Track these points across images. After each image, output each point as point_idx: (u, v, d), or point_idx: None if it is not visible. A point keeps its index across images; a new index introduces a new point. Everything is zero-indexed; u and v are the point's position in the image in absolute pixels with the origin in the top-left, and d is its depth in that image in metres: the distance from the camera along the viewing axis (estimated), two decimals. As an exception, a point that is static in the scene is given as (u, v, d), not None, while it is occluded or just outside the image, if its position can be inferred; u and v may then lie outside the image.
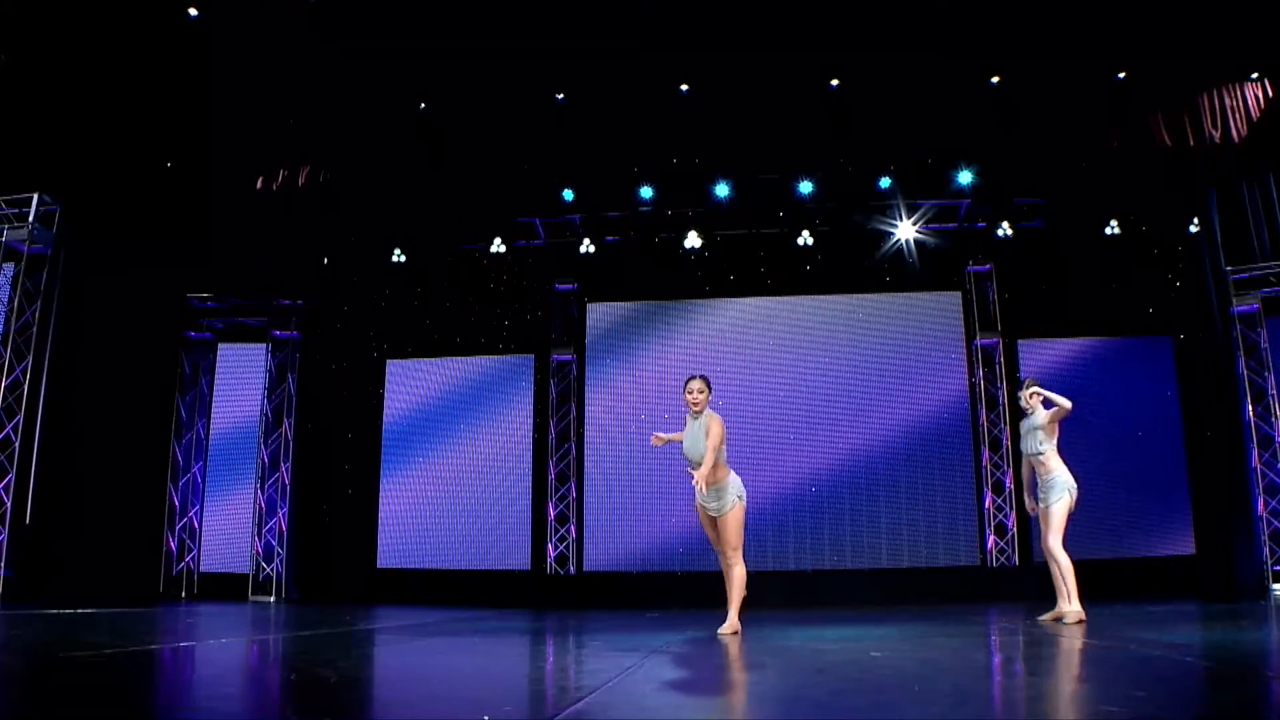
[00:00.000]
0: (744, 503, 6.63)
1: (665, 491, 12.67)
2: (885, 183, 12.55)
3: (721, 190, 12.73)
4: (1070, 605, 6.97)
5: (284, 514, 12.80)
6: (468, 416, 13.40)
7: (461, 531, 13.05)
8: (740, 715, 3.07)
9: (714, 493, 6.54)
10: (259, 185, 13.12)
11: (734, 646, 5.55)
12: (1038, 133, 11.76)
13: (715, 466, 6.42)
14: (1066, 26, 10.65)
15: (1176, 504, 12.16)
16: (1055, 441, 7.37)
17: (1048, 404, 7.48)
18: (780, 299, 13.18)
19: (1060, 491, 7.21)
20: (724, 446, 6.52)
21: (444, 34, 10.96)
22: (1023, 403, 7.63)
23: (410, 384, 13.60)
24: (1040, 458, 7.32)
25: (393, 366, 13.68)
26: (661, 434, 6.95)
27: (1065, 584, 7.05)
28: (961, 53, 11.16)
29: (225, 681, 4.14)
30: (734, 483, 6.60)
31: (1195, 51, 11.02)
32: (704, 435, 6.44)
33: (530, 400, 13.38)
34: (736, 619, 6.56)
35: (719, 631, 6.44)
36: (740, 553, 6.68)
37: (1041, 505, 7.34)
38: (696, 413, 6.57)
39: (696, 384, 6.63)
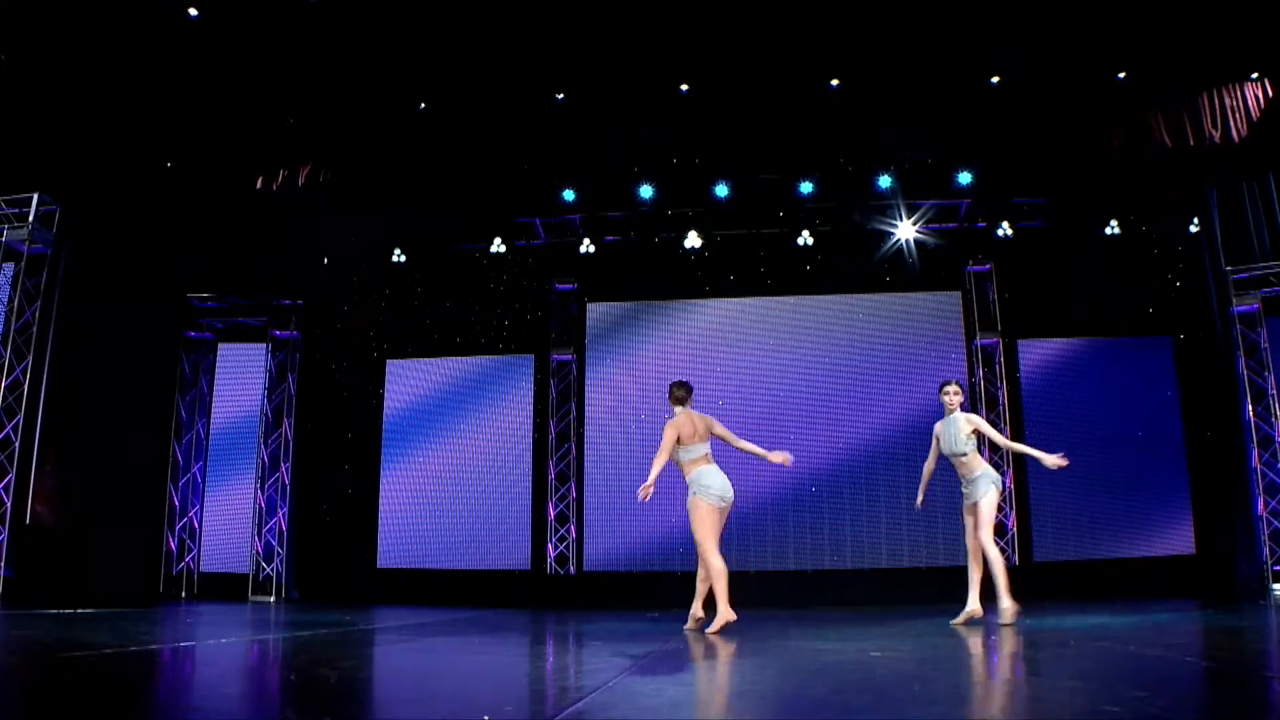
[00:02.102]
0: (703, 500, 6.78)
1: (665, 491, 12.55)
2: (885, 182, 12.54)
3: (721, 190, 12.72)
4: (1006, 600, 6.93)
5: (284, 514, 12.81)
6: (468, 416, 13.40)
7: (461, 531, 13.05)
8: (740, 715, 3.07)
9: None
10: (259, 185, 13.13)
11: (734, 646, 5.55)
12: (1038, 132, 11.75)
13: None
14: (1067, 26, 10.64)
15: (1177, 504, 12.15)
16: (976, 441, 7.32)
17: (964, 407, 7.52)
18: (780, 299, 13.18)
19: (986, 485, 7.23)
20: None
21: (444, 33, 10.96)
22: (947, 400, 7.56)
23: (410, 384, 13.60)
24: (963, 458, 7.30)
25: (393, 366, 13.68)
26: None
27: (997, 579, 6.99)
28: (961, 52, 11.15)
29: (225, 681, 4.14)
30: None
31: (1195, 51, 11.02)
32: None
33: (530, 400, 13.38)
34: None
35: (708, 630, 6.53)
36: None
37: (968, 501, 7.31)
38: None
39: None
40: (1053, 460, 7.08)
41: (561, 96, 12.15)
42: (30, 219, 10.45)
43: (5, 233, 10.48)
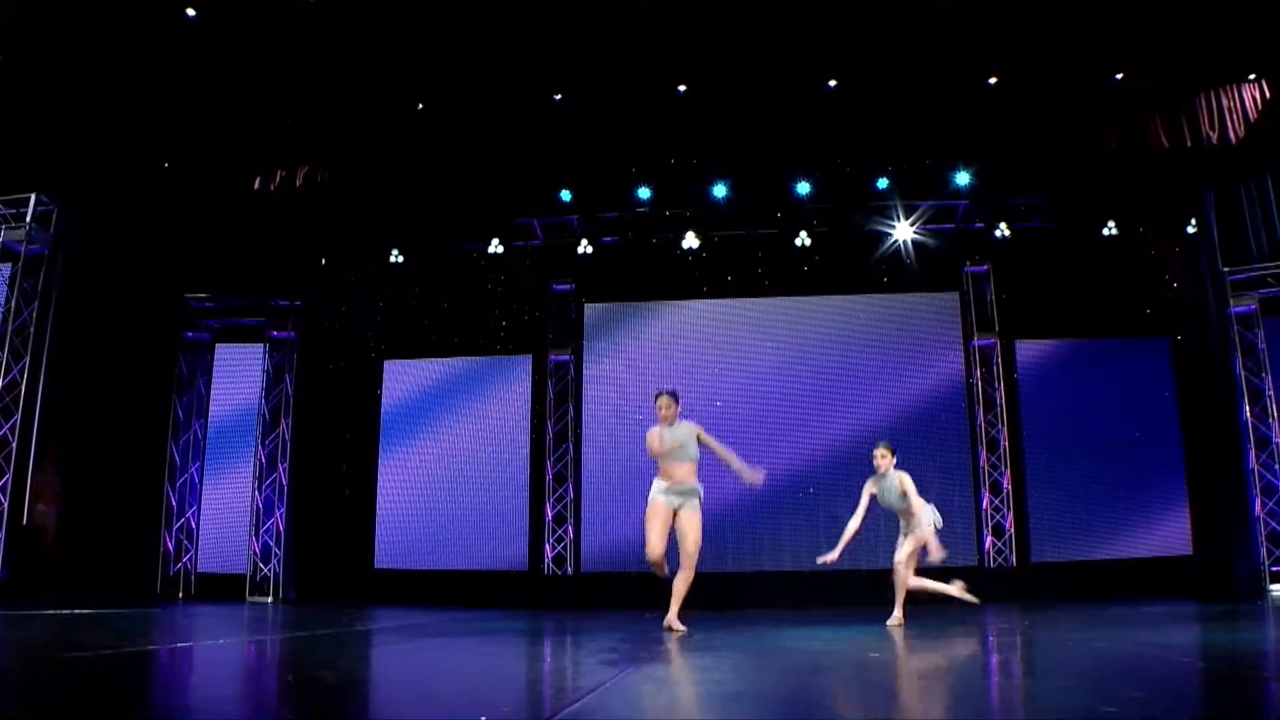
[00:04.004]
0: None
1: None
2: (883, 183, 12.56)
3: (719, 191, 12.73)
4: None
5: (281, 514, 12.80)
6: (465, 417, 13.39)
7: (459, 532, 13.04)
8: (737, 715, 3.06)
9: (687, 489, 6.94)
10: (257, 185, 13.12)
11: (731, 647, 5.55)
12: (1035, 133, 11.76)
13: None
14: (1064, 27, 10.65)
15: (1174, 504, 12.16)
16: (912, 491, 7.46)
17: (898, 465, 7.68)
18: (778, 300, 13.18)
19: (928, 519, 7.39)
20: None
21: (442, 34, 10.96)
22: (877, 463, 7.71)
23: (408, 384, 13.58)
24: (907, 509, 7.48)
25: (390, 367, 13.67)
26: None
27: (898, 594, 7.50)
28: (959, 53, 11.16)
29: (223, 682, 4.13)
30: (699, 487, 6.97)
31: (1193, 52, 11.03)
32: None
33: (528, 401, 13.37)
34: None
35: (669, 624, 6.74)
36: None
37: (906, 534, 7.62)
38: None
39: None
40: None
41: (559, 97, 12.15)
42: (28, 219, 10.45)
43: (3, 233, 10.49)
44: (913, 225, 12.74)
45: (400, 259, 13.54)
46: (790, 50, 11.20)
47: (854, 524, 7.66)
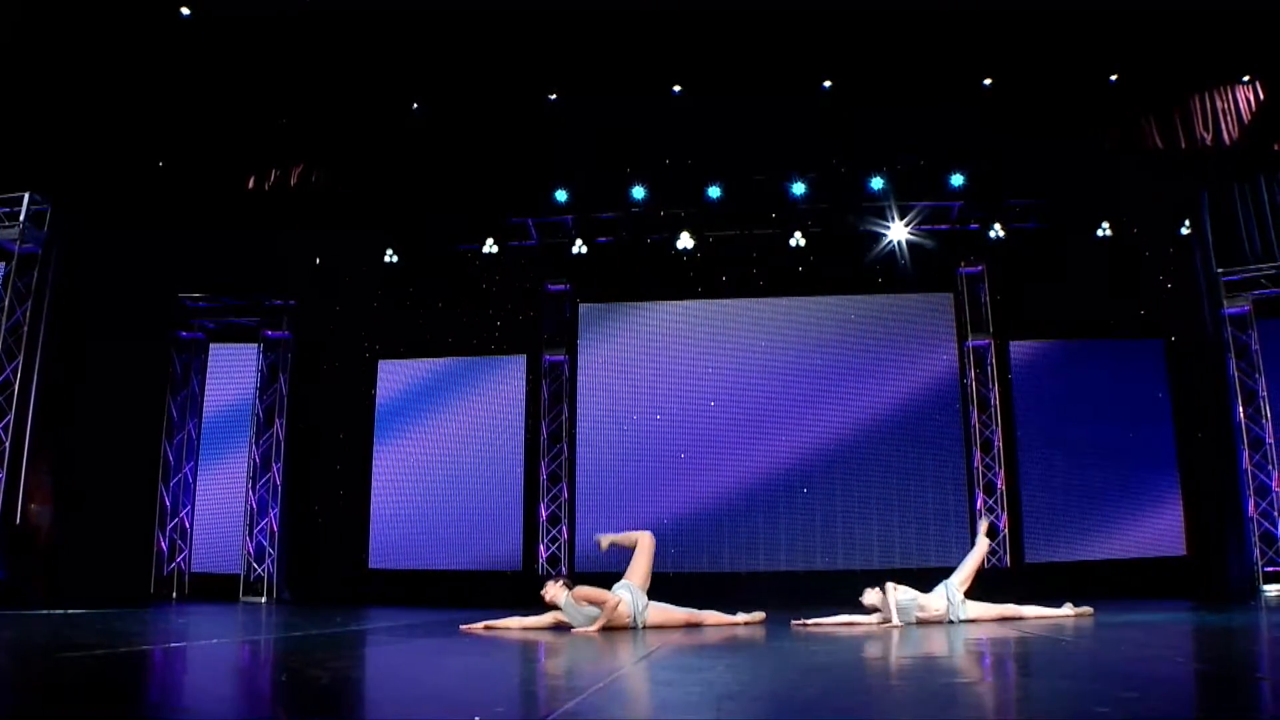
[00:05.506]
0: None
1: (658, 492, 12.66)
2: (878, 184, 12.57)
3: (714, 191, 12.73)
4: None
5: (275, 514, 12.78)
6: (460, 417, 13.38)
7: (453, 532, 13.03)
8: (732, 716, 3.06)
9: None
10: (251, 184, 13.10)
11: (726, 648, 5.55)
12: (1030, 134, 11.79)
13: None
14: (1060, 27, 10.67)
15: (1168, 505, 12.19)
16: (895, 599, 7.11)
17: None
18: (773, 300, 13.19)
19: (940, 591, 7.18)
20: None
21: (437, 33, 10.95)
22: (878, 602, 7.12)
23: (402, 384, 13.58)
24: (920, 607, 7.10)
25: (385, 366, 13.66)
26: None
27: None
28: (954, 53, 11.17)
29: (217, 682, 4.12)
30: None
31: (1187, 54, 11.06)
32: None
33: (522, 401, 13.37)
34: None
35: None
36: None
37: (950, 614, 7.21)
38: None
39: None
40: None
41: (554, 96, 12.15)
42: (21, 218, 10.41)
43: (-4, 232, 10.45)
44: (907, 226, 12.75)
45: (395, 259, 13.52)
46: (785, 50, 11.20)
47: (852, 617, 7.19)
